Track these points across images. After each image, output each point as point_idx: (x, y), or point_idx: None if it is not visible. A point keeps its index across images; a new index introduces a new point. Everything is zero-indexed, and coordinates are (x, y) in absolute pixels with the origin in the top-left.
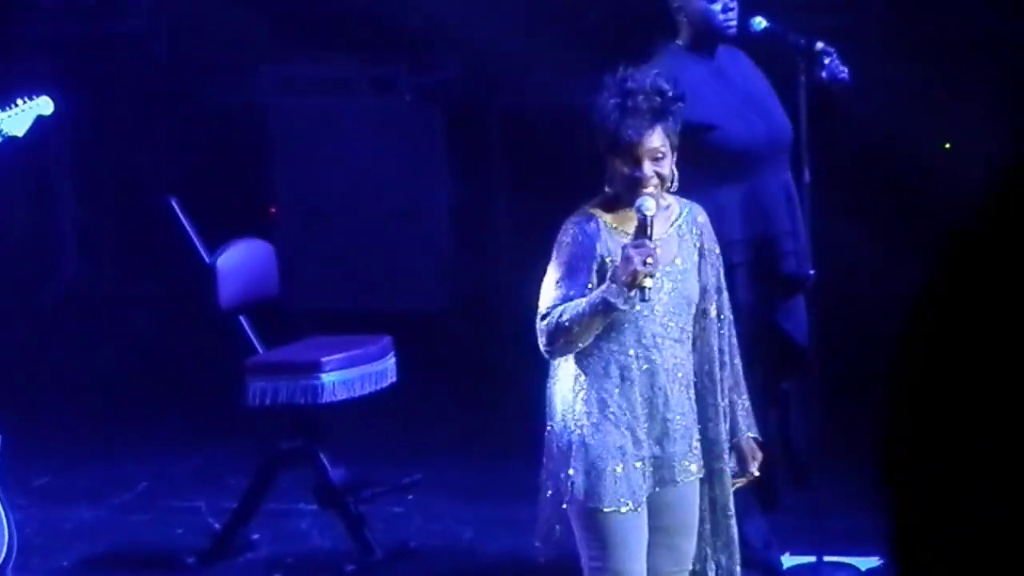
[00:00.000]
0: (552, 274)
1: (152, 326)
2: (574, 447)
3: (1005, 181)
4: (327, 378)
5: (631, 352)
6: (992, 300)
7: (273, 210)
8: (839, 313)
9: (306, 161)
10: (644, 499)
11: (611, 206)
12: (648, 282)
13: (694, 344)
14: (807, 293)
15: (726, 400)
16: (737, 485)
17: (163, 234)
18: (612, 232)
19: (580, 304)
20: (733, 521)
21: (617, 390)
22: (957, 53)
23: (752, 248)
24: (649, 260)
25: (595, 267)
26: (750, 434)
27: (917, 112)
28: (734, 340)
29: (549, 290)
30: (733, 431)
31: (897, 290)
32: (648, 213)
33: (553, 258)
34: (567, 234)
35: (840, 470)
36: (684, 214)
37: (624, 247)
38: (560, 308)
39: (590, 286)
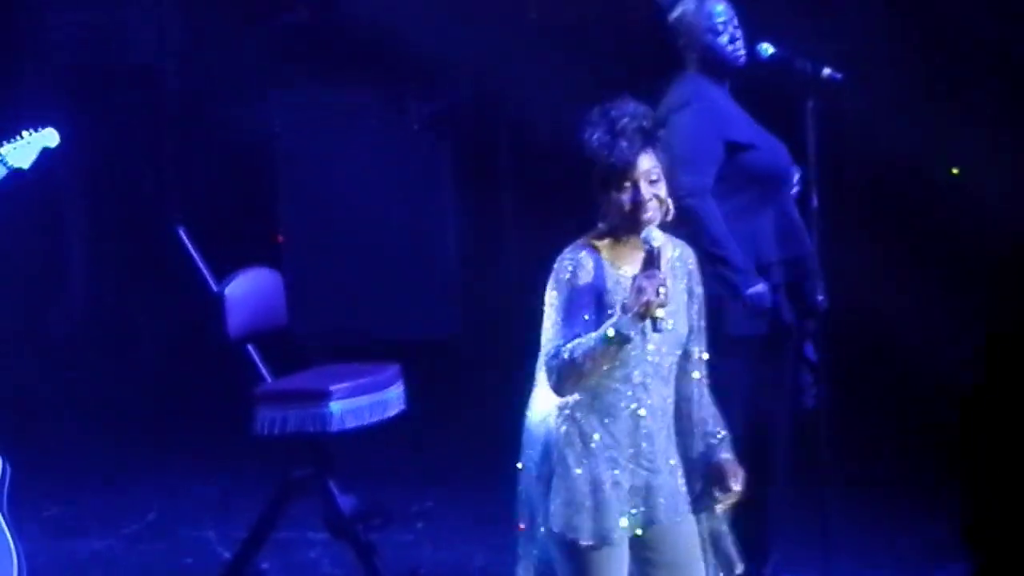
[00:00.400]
0: (553, 312)
1: (161, 355)
2: (555, 478)
3: None
4: (336, 406)
5: (619, 388)
6: None
7: (281, 239)
8: (848, 337)
9: (314, 188)
10: (625, 535)
11: (607, 241)
12: (661, 312)
13: (676, 383)
14: (818, 316)
15: (704, 441)
16: (724, 506)
17: (171, 263)
18: (610, 267)
19: (590, 339)
20: (729, 543)
21: (602, 425)
22: (966, 78)
23: (789, 269)
24: (661, 290)
25: (595, 303)
26: (727, 455)
27: (925, 137)
28: (706, 380)
29: (554, 328)
30: (711, 455)
31: (904, 314)
32: (655, 243)
33: (552, 295)
34: (565, 271)
35: (849, 493)
36: (676, 255)
37: (635, 277)
38: (569, 345)
39: (586, 317)
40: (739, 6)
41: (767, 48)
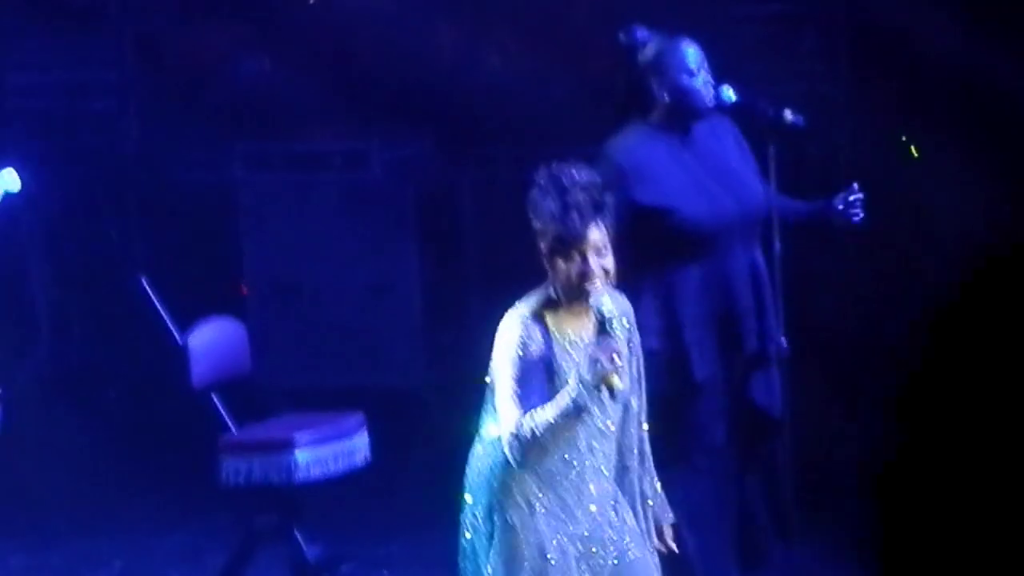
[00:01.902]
0: (506, 385)
1: (125, 404)
2: (497, 533)
3: None
4: (300, 455)
5: (563, 453)
6: None
7: (244, 289)
8: (818, 379)
9: (277, 237)
10: None
11: (551, 308)
12: (617, 381)
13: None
14: (780, 365)
15: (641, 489)
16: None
17: (135, 312)
18: (557, 334)
19: (546, 413)
20: None
21: (546, 488)
22: (930, 108)
23: (710, 326)
24: (616, 358)
25: (544, 373)
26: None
27: (890, 174)
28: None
29: (509, 403)
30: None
31: (875, 353)
32: (605, 311)
33: (501, 366)
34: (514, 344)
35: (819, 531)
36: (618, 315)
37: (589, 348)
38: (528, 422)
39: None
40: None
41: (729, 92)
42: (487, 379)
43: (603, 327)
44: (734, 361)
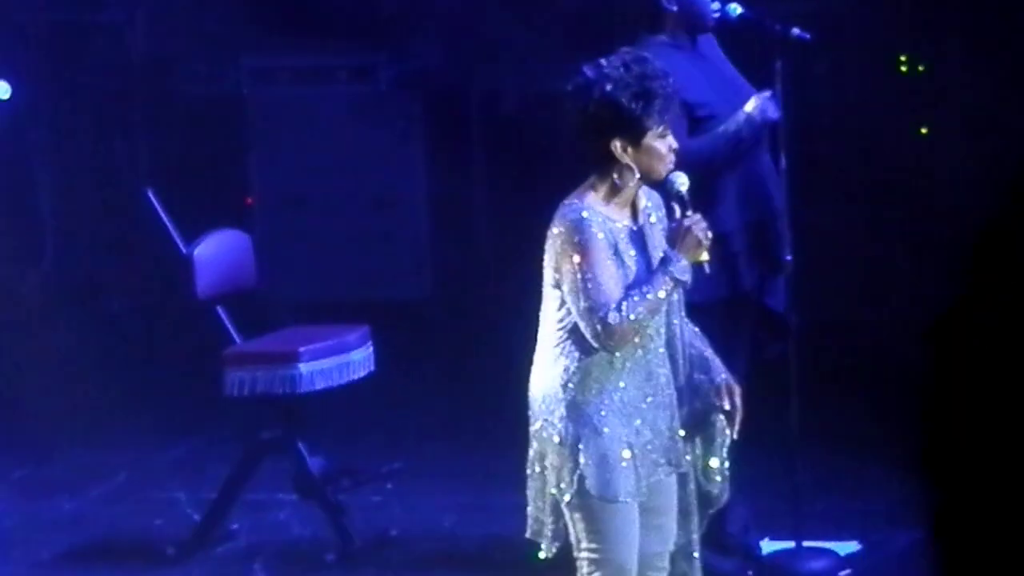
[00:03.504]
0: (601, 271)
1: (130, 316)
2: (583, 439)
3: None
4: (305, 368)
5: (635, 340)
6: None
7: (249, 201)
8: (816, 300)
9: (283, 151)
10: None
11: (600, 198)
12: (705, 255)
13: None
14: (785, 277)
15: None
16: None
17: (141, 224)
18: (610, 222)
19: (645, 292)
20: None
21: (622, 381)
22: (935, 37)
23: (751, 235)
24: (708, 233)
25: (614, 258)
26: (723, 375)
27: (892, 97)
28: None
29: (591, 289)
30: (711, 375)
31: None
32: (683, 187)
33: (573, 257)
34: (580, 231)
35: (818, 456)
36: (652, 204)
37: (679, 222)
38: (625, 303)
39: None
40: None
41: (736, 8)
42: (548, 280)
43: (683, 204)
44: (768, 268)
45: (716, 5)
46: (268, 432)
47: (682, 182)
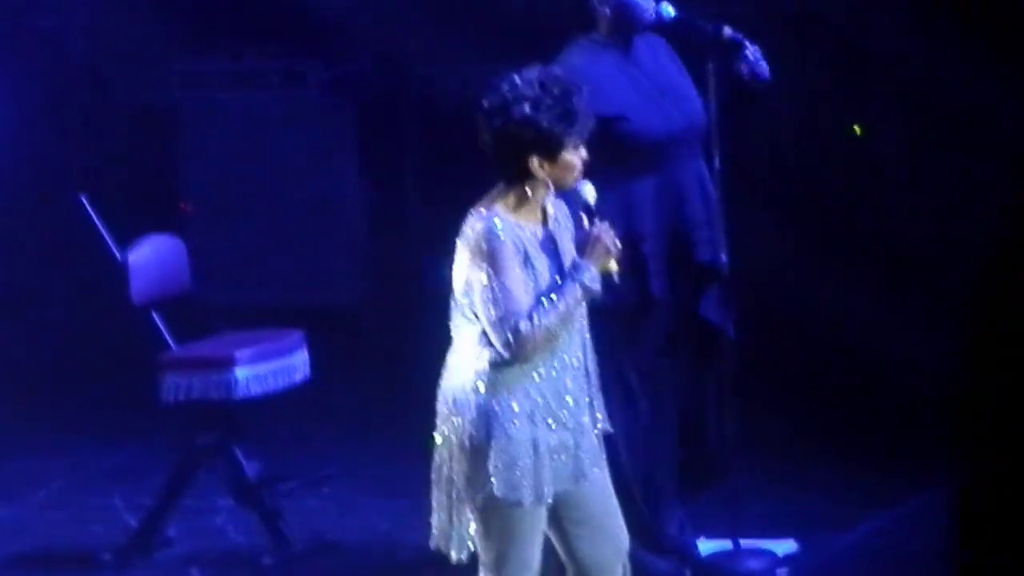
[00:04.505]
0: (510, 280)
1: (65, 322)
2: (492, 442)
3: None
4: (240, 372)
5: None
6: None
7: (184, 206)
8: (753, 301)
9: (216, 156)
10: (553, 493)
11: (509, 205)
12: (614, 265)
13: None
14: (722, 281)
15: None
16: None
17: (75, 230)
18: (520, 230)
19: (556, 301)
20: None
21: (532, 386)
22: (865, 40)
23: (665, 239)
24: (615, 241)
25: (523, 267)
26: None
27: (825, 99)
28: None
29: (517, 296)
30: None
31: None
32: (590, 197)
33: (497, 264)
34: (489, 240)
35: (754, 456)
36: (560, 211)
37: (586, 231)
38: (540, 312)
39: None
40: None
41: (668, 9)
42: (458, 289)
43: (590, 213)
44: (686, 275)
45: (668, 7)
46: (204, 437)
47: (588, 191)
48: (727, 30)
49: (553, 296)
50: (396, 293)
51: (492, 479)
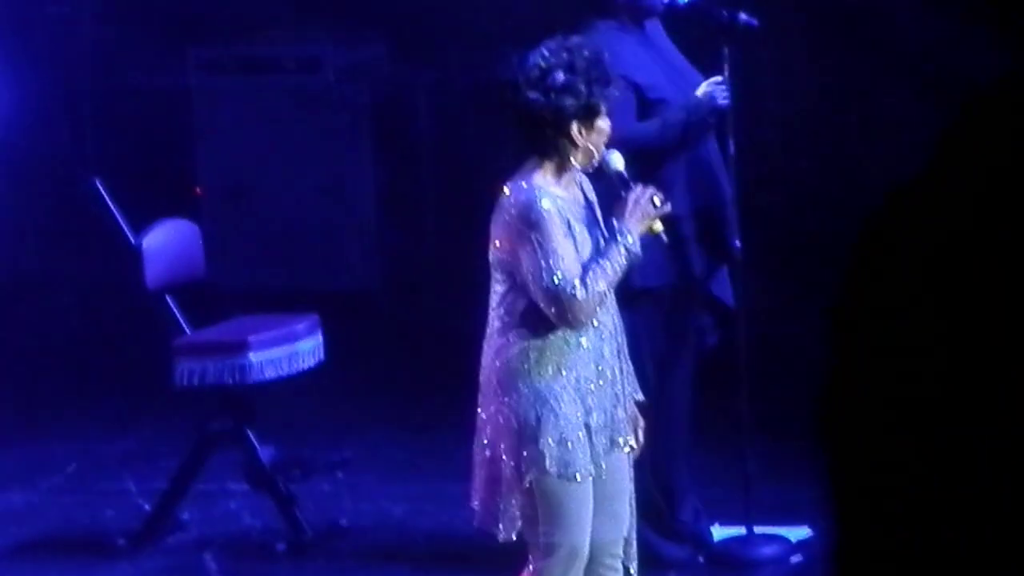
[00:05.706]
0: (559, 248)
1: (79, 307)
2: (543, 420)
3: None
4: (255, 357)
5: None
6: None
7: (198, 191)
8: (764, 287)
9: (231, 141)
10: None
11: (547, 177)
12: (659, 225)
13: None
14: (733, 264)
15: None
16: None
17: (88, 215)
18: (562, 202)
19: (604, 266)
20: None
21: (576, 361)
22: (878, 29)
23: (700, 221)
24: (657, 200)
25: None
26: (637, 396)
27: (837, 86)
28: None
29: (567, 263)
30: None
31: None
32: (620, 165)
33: (534, 234)
34: (538, 209)
35: (769, 442)
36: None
37: (626, 195)
38: (589, 276)
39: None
40: None
41: None
42: (499, 265)
43: (623, 181)
44: (716, 255)
45: None
46: (219, 422)
47: (617, 159)
48: (742, 15)
49: (602, 261)
50: (410, 278)
51: (545, 456)
